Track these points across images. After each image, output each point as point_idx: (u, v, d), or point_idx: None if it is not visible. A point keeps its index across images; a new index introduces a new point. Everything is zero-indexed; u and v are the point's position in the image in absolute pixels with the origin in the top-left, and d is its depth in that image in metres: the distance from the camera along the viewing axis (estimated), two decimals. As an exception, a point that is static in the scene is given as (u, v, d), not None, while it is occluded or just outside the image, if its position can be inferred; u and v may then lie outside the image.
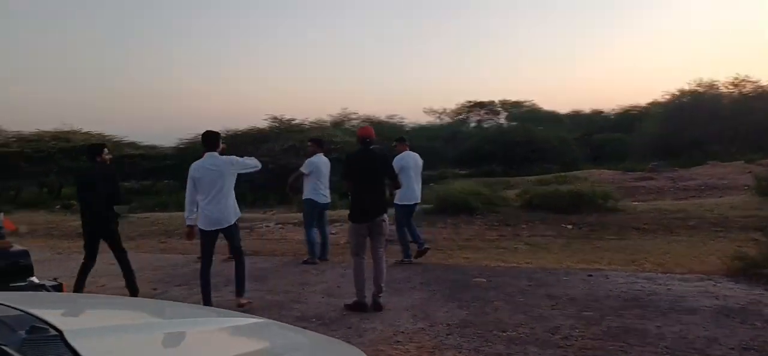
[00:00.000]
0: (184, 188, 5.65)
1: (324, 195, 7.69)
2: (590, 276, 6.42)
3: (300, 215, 9.15)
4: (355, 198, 5.45)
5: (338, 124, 30.03)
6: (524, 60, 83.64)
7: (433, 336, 4.43)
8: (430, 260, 7.81)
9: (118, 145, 23.13)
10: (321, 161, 7.73)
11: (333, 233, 10.82)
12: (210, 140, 5.51)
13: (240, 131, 23.26)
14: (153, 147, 24.75)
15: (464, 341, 4.31)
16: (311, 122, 24.11)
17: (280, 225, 11.68)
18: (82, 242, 6.12)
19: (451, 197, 11.87)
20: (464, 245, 9.05)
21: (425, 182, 9.36)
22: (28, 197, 22.90)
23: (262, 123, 23.87)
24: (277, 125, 23.40)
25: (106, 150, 6.21)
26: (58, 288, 3.05)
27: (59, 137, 21.23)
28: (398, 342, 4.32)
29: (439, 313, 5.07)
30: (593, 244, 8.83)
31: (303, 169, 7.62)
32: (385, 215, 5.41)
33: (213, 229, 5.39)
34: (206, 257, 5.51)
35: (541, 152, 27.47)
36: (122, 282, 5.99)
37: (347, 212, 5.62)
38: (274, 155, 20.37)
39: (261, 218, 12.88)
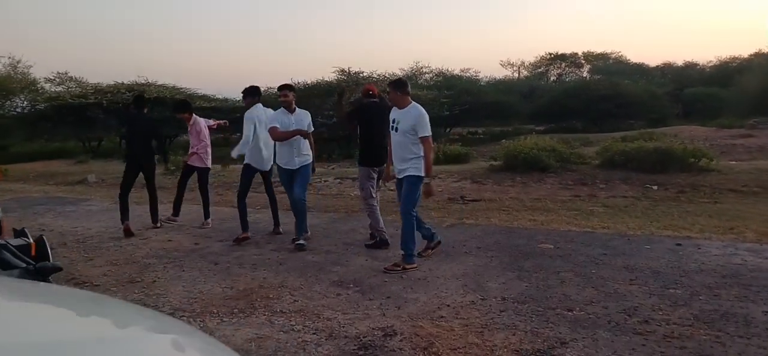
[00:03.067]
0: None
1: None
2: (678, 245, 5.50)
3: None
4: (364, 145, 5.96)
5: (410, 78, 29.23)
6: (610, 8, 77.90)
7: (484, 313, 3.80)
8: (491, 221, 7.10)
9: (191, 97, 23.67)
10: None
11: (391, 190, 10.33)
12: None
13: (308, 83, 23.05)
14: (225, 100, 25.13)
15: (520, 320, 3.65)
16: (379, 75, 23.42)
17: (338, 180, 11.31)
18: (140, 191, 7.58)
19: (522, 153, 10.97)
20: (533, 205, 8.23)
21: (498, 137, 8.54)
22: (107, 147, 24.12)
23: (329, 76, 23.56)
24: (345, 78, 22.96)
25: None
26: (27, 247, 2.70)
27: (134, 89, 21.94)
28: (442, 317, 3.73)
29: (494, 284, 4.41)
30: (682, 208, 7.76)
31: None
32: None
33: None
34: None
35: (627, 107, 25.34)
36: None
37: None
38: (341, 108, 20.03)
39: (321, 174, 12.57)
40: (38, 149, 21.78)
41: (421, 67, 31.64)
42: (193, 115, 7.36)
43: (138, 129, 7.20)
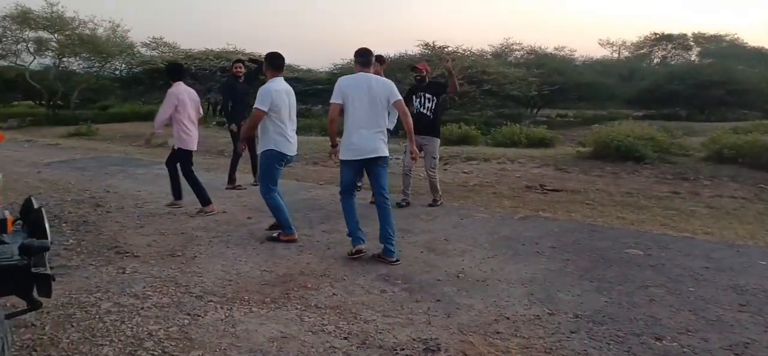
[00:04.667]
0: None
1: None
2: (806, 265, 4.50)
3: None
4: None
5: (499, 55, 27.93)
6: (729, -15, 70.63)
7: (550, 332, 3.16)
8: (572, 216, 6.30)
9: (275, 67, 24.00)
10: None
11: (465, 172, 9.67)
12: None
13: (391, 57, 22.57)
14: (309, 71, 25.24)
15: (594, 346, 2.99)
16: (465, 51, 22.46)
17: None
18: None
19: (615, 141, 9.88)
20: (623, 201, 7.29)
21: (590, 122, 7.67)
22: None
23: (413, 49, 22.94)
24: (429, 51, 22.23)
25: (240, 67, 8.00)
26: (2, 222, 2.40)
27: (222, 56, 22.47)
28: (497, 333, 3.14)
29: (567, 296, 3.74)
30: (810, 217, 6.53)
31: None
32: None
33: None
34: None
35: (740, 95, 22.67)
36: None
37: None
38: (421, 84, 19.44)
39: (395, 150, 12.09)
40: (133, 110, 22.97)
41: (511, 44, 30.14)
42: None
43: (235, 96, 7.76)
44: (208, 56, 22.59)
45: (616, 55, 37.61)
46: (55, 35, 21.87)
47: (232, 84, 7.91)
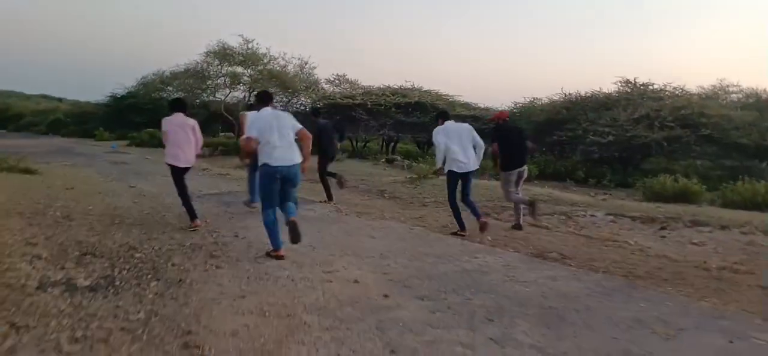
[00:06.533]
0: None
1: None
2: None
3: (643, 206, 6.33)
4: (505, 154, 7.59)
5: (710, 97, 23.11)
6: None
7: None
8: None
9: (450, 103, 22.61)
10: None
11: (696, 244, 6.88)
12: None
13: (580, 95, 19.75)
14: (487, 109, 23.44)
15: None
16: (673, 90, 18.68)
17: (610, 217, 8.23)
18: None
19: None
20: None
21: None
22: (374, 147, 24.70)
23: (609, 86, 19.83)
24: (628, 89, 18.97)
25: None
26: None
27: (398, 93, 21.78)
28: None
29: None
30: None
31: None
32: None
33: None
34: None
35: None
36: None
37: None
38: (619, 125, 16.31)
39: (587, 204, 9.59)
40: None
41: (727, 85, 24.96)
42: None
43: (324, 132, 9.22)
44: (384, 92, 22.13)
45: None
46: (248, 70, 23.32)
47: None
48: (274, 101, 6.89)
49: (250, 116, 6.30)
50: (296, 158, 5.27)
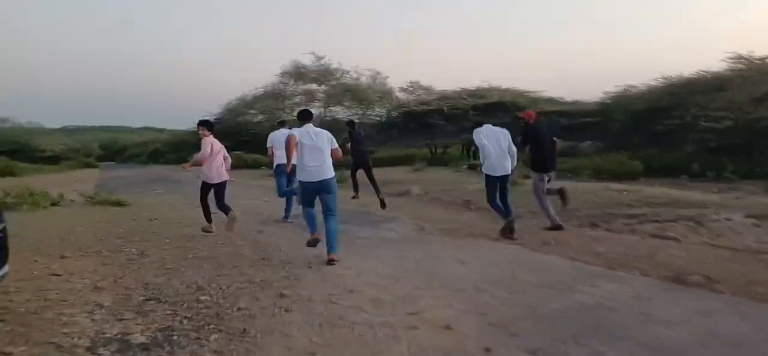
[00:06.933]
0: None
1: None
2: None
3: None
4: (536, 156, 7.55)
5: None
6: None
7: None
8: None
9: (534, 101, 21.23)
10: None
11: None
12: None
13: (684, 78, 17.70)
14: (574, 103, 21.80)
15: None
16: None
17: (753, 220, 6.84)
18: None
19: None
20: None
21: None
22: (455, 154, 23.74)
23: (719, 65, 17.61)
24: (743, 66, 16.74)
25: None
26: None
27: (475, 94, 20.73)
28: None
29: None
30: None
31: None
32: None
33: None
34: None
35: None
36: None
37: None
38: (738, 108, 14.33)
39: (717, 204, 8.15)
40: (390, 155, 22.78)
41: None
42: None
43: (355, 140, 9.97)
44: (461, 95, 21.17)
45: None
46: (322, 86, 23.25)
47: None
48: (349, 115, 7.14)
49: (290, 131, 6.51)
50: (329, 173, 5.85)
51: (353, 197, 10.34)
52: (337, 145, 5.97)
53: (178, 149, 39.74)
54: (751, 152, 14.96)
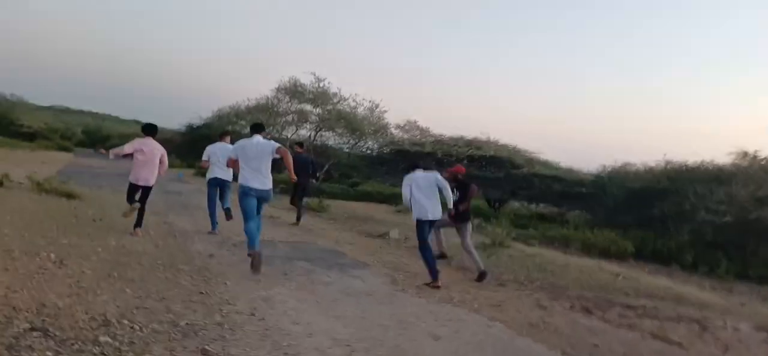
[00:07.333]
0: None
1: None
2: None
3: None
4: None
5: None
6: None
7: None
8: None
9: (529, 161, 20.59)
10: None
11: None
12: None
13: (686, 164, 17.14)
14: (570, 170, 21.16)
15: None
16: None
17: (765, 334, 6.03)
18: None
19: None
20: None
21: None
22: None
23: (724, 158, 17.03)
24: (746, 163, 16.23)
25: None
26: None
27: (472, 144, 20.06)
28: None
29: None
30: None
31: None
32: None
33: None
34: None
35: None
36: None
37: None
38: (737, 204, 13.71)
39: (721, 308, 7.35)
40: (378, 190, 21.87)
41: None
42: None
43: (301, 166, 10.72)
44: (457, 143, 20.47)
45: None
46: (317, 109, 22.49)
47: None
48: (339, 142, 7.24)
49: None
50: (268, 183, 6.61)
51: (293, 224, 11.23)
52: (282, 151, 6.49)
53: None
54: (745, 252, 14.31)
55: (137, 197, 7.90)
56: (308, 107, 22.60)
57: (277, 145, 6.54)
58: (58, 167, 20.34)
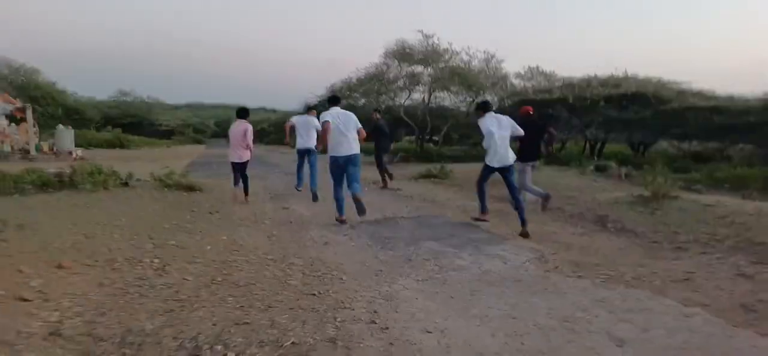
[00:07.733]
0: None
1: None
2: None
3: None
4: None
5: None
6: None
7: None
8: None
9: (680, 94, 17.68)
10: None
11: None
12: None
13: None
14: (730, 98, 17.88)
15: None
16: None
17: None
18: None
19: None
20: None
21: None
22: (574, 150, 20.74)
23: None
24: None
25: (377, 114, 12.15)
26: None
27: (608, 83, 17.61)
28: None
29: None
30: None
31: None
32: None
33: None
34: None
35: None
36: None
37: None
38: None
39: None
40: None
41: None
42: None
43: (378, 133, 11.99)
44: (590, 84, 18.13)
45: None
46: (428, 69, 21.23)
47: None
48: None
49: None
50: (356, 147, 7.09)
51: (382, 187, 11.65)
52: (360, 126, 7.25)
53: (281, 129, 39.81)
54: None
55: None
56: (419, 68, 21.38)
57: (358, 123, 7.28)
58: (191, 158, 21.31)
